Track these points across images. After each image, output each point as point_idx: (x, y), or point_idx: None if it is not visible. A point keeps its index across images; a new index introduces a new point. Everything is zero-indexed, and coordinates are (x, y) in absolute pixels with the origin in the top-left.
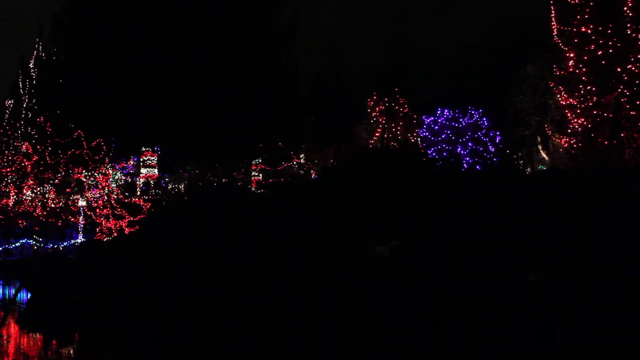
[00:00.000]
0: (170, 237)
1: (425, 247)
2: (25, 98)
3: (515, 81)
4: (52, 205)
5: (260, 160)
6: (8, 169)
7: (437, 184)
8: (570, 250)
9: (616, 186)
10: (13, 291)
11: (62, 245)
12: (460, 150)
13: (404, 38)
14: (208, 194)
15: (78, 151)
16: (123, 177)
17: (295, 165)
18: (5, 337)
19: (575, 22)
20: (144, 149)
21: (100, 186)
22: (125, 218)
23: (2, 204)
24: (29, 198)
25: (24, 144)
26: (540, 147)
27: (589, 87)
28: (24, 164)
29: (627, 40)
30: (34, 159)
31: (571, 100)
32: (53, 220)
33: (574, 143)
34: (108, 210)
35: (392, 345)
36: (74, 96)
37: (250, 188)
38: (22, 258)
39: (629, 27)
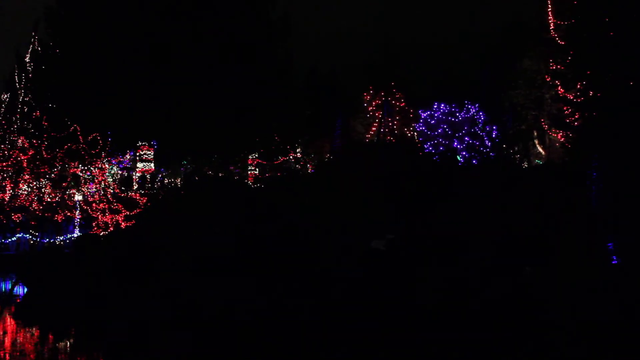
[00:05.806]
0: (166, 231)
1: (421, 240)
2: (21, 92)
3: (512, 75)
4: (49, 200)
5: (256, 155)
6: (4, 164)
7: (433, 178)
8: (565, 245)
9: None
10: (9, 285)
11: (59, 240)
12: (456, 145)
13: (400, 31)
14: (205, 189)
15: (74, 145)
16: (119, 172)
17: (291, 159)
18: (1, 332)
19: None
20: (140, 143)
21: (96, 180)
22: (121, 212)
23: None
24: (25, 192)
25: (19, 139)
26: (536, 141)
27: (585, 82)
28: (20, 158)
29: None
30: (30, 153)
31: (567, 94)
32: (49, 214)
33: (570, 137)
34: (104, 205)
35: (386, 339)
36: (70, 90)
37: (247, 182)
38: (18, 252)
39: None
